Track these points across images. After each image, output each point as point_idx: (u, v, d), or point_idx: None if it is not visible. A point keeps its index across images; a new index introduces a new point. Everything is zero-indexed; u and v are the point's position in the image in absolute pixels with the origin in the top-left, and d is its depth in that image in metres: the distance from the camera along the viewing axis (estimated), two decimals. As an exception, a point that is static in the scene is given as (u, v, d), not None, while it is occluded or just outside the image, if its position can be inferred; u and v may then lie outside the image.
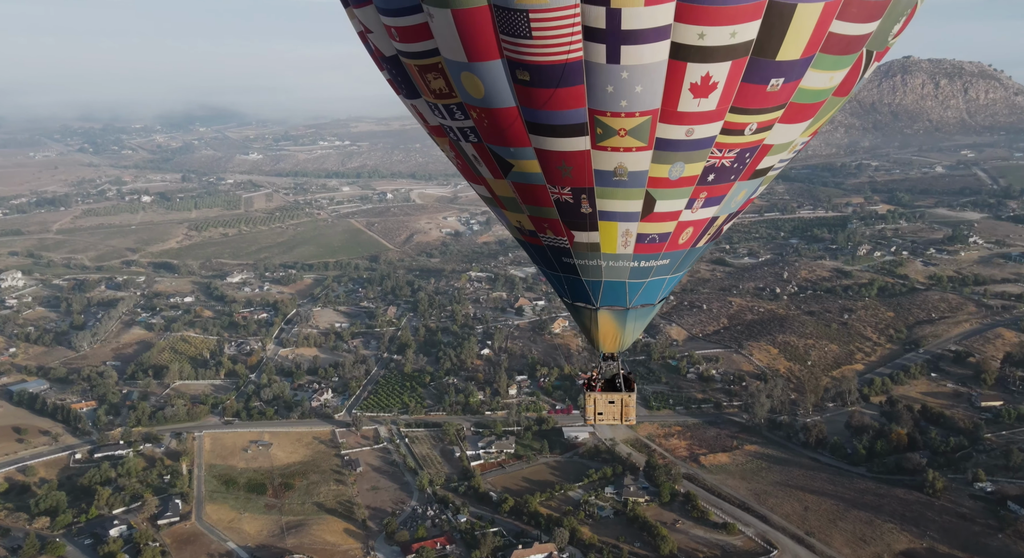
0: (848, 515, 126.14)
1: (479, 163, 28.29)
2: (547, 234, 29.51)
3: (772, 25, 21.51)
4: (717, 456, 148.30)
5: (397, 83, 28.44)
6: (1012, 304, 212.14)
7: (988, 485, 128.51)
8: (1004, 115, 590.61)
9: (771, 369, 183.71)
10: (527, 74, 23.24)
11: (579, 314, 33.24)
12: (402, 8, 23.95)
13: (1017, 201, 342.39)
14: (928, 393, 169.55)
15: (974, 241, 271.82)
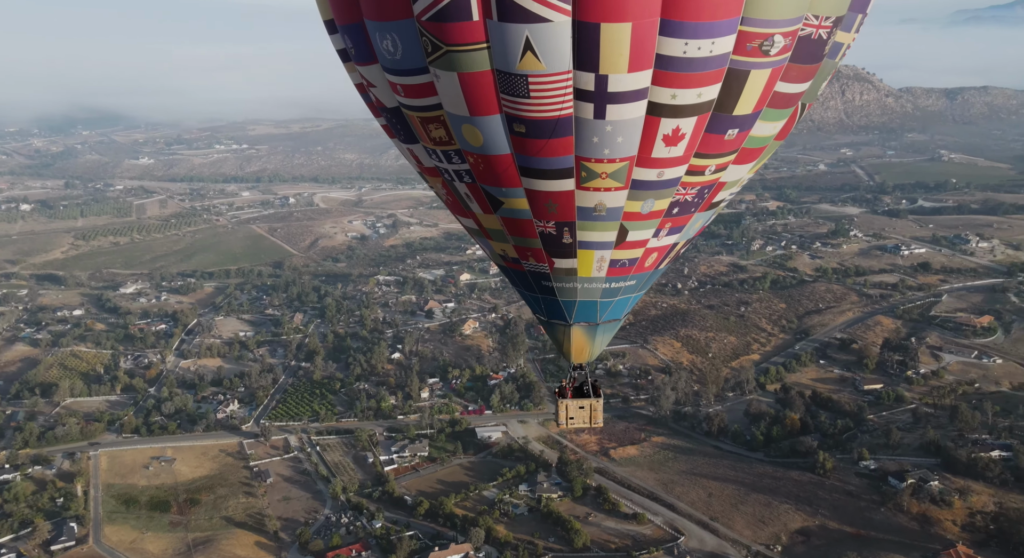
0: (748, 499, 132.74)
1: (470, 200, 31.63)
2: (529, 261, 33.31)
3: (730, 87, 26.25)
4: (626, 449, 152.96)
5: (395, 130, 31.13)
6: (889, 293, 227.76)
7: (871, 463, 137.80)
8: (877, 116, 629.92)
9: (675, 362, 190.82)
10: (523, 127, 26.84)
11: (553, 330, 36.86)
12: (410, 70, 26.73)
13: (891, 196, 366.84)
14: (817, 379, 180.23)
15: (854, 235, 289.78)
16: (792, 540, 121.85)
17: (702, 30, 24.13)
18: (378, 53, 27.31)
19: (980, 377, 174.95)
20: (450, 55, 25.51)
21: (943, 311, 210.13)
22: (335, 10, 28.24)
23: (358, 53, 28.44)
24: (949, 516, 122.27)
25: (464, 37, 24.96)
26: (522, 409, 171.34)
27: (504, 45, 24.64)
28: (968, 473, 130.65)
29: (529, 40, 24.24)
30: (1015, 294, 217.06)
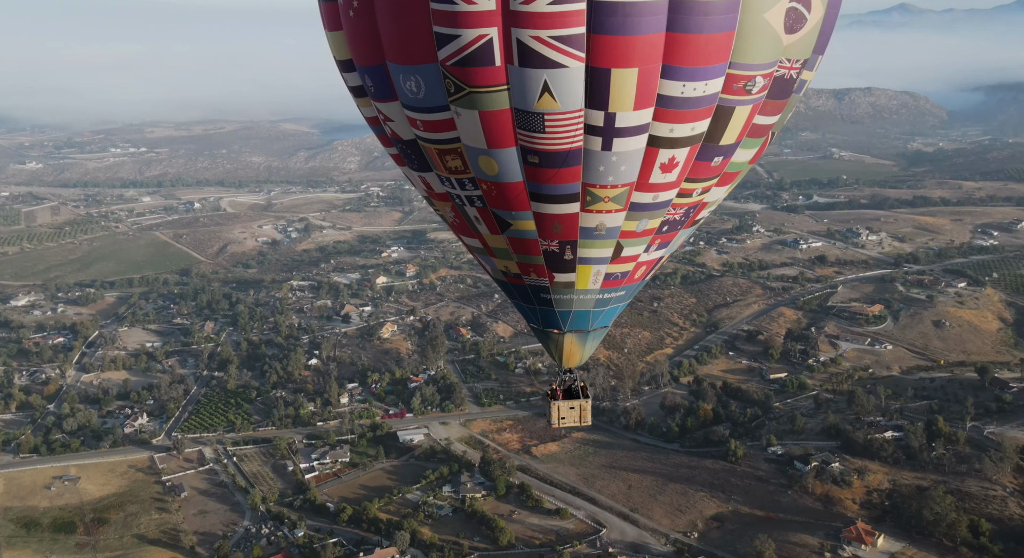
0: (666, 488, 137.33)
1: (479, 222, 34.21)
2: (531, 276, 36.06)
3: (718, 121, 30.09)
4: (548, 446, 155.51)
5: (408, 159, 33.22)
6: (790, 285, 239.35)
7: (779, 448, 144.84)
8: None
9: (592, 359, 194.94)
10: (537, 158, 29.72)
11: (547, 338, 39.58)
12: (432, 108, 29.18)
13: (788, 193, 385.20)
14: (728, 370, 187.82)
15: (757, 230, 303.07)
16: (708, 526, 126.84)
17: (698, 74, 27.77)
18: (399, 92, 29.50)
19: (873, 363, 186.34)
20: (472, 95, 28.15)
21: (839, 301, 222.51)
22: (355, 52, 30.11)
23: (378, 91, 30.58)
24: (849, 495, 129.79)
25: (486, 80, 27.57)
26: (443, 411, 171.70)
27: (523, 87, 27.47)
28: (865, 454, 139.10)
29: (547, 83, 27.15)
30: (901, 283, 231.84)
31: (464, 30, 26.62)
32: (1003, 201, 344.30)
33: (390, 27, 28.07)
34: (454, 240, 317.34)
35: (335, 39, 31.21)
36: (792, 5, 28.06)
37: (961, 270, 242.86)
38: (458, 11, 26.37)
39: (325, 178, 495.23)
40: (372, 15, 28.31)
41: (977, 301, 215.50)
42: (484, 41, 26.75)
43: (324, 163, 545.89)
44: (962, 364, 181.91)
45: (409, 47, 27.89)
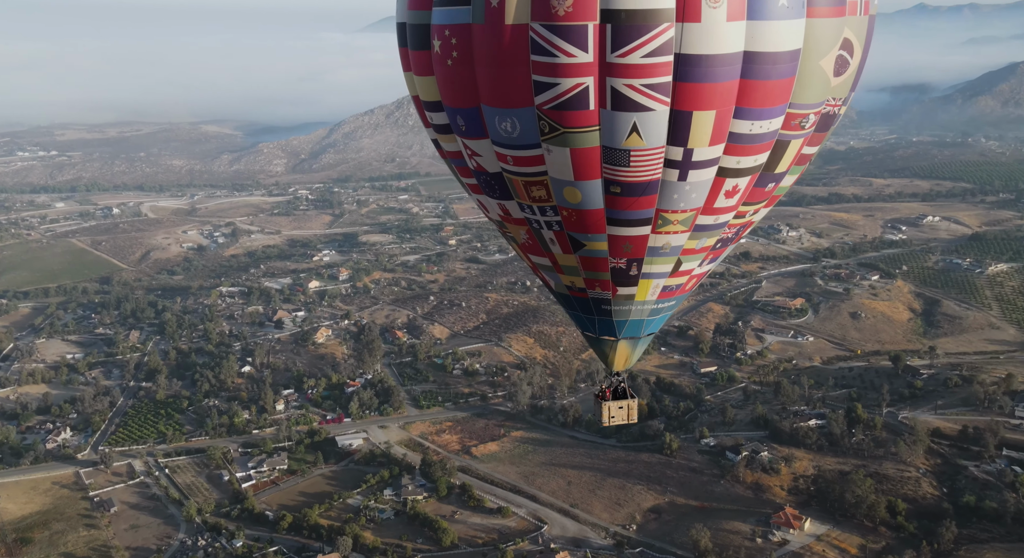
0: (605, 483, 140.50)
1: (553, 244, 37.16)
2: (596, 290, 39.31)
3: (776, 153, 34.17)
4: (488, 445, 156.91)
5: (489, 188, 35.94)
6: (717, 281, 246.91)
7: (711, 440, 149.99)
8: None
9: (529, 358, 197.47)
10: (619, 188, 33.09)
11: (601, 344, 42.94)
12: (525, 145, 32.12)
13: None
14: (660, 365, 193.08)
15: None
16: (646, 518, 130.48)
17: (764, 114, 31.85)
18: (492, 131, 32.41)
19: (796, 354, 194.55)
20: (565, 135, 31.30)
21: (763, 296, 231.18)
22: (449, 95, 32.65)
23: (469, 130, 33.42)
24: (777, 482, 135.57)
25: (580, 122, 30.76)
26: (382, 414, 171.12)
27: (613, 128, 30.90)
28: (791, 442, 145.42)
29: (635, 124, 30.67)
30: (820, 277, 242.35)
31: (563, 79, 29.73)
32: (910, 197, 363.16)
33: (490, 76, 30.83)
34: (387, 243, 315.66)
35: (424, 83, 33.69)
36: (840, 53, 31.96)
37: (874, 263, 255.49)
38: (558, 63, 29.37)
39: (251, 181, 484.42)
40: (471, 64, 30.89)
41: (889, 293, 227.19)
42: (581, 88, 29.85)
43: (249, 166, 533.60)
44: (877, 353, 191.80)
45: (508, 93, 30.70)
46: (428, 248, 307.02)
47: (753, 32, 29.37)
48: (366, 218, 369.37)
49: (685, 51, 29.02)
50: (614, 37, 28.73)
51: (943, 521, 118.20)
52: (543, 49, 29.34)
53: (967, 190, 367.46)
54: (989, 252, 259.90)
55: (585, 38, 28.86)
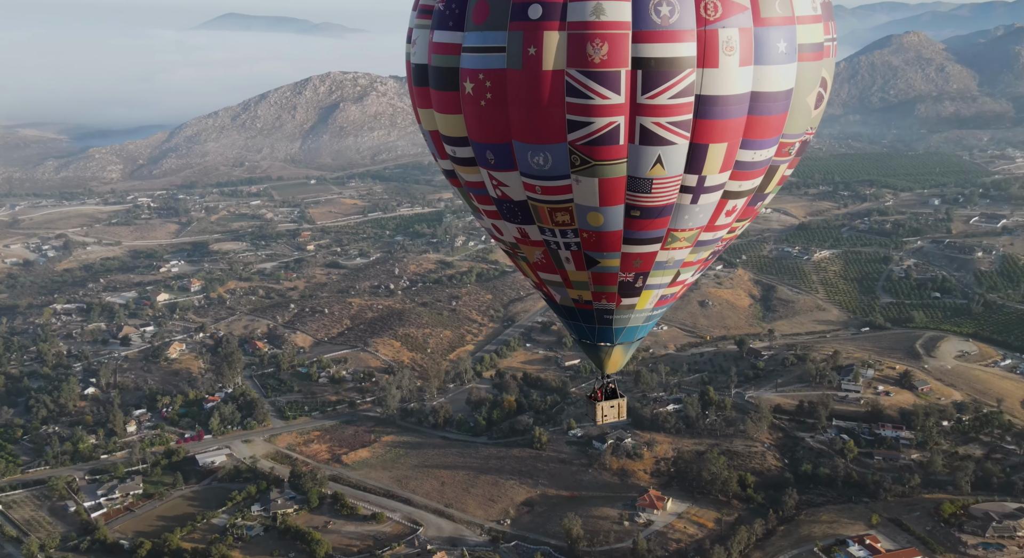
0: (478, 481, 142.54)
1: (568, 262, 40.15)
2: (601, 302, 42.45)
3: (767, 176, 38.82)
4: (358, 452, 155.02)
5: (511, 215, 38.69)
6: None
7: (578, 431, 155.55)
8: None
9: (397, 362, 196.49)
10: (639, 212, 36.70)
11: (597, 350, 46.05)
12: (554, 177, 35.25)
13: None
14: (527, 361, 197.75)
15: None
16: (519, 511, 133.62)
17: (764, 144, 36.61)
18: (522, 164, 35.55)
19: (653, 343, 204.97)
20: (595, 167, 34.70)
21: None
22: (479, 132, 35.42)
23: (498, 163, 36.22)
24: (641, 466, 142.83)
25: (610, 155, 34.32)
26: (246, 429, 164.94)
27: (639, 160, 34.68)
28: (652, 427, 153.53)
29: (660, 157, 34.62)
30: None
31: (597, 118, 33.28)
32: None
33: (524, 115, 33.80)
34: (241, 251, 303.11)
35: (449, 120, 36.16)
36: (819, 89, 37.24)
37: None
38: (593, 104, 32.85)
39: (82, 189, 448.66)
40: (504, 105, 33.83)
41: (732, 281, 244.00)
42: (612, 126, 33.48)
43: (79, 173, 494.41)
44: (724, 338, 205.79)
45: (542, 131, 33.90)
46: (285, 255, 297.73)
47: (759, 75, 34.01)
48: (216, 226, 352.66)
49: (705, 92, 33.29)
50: (644, 81, 32.60)
51: (786, 489, 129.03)
52: (578, 92, 32.77)
53: (793, 183, 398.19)
54: (814, 240, 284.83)
55: (618, 82, 32.53)
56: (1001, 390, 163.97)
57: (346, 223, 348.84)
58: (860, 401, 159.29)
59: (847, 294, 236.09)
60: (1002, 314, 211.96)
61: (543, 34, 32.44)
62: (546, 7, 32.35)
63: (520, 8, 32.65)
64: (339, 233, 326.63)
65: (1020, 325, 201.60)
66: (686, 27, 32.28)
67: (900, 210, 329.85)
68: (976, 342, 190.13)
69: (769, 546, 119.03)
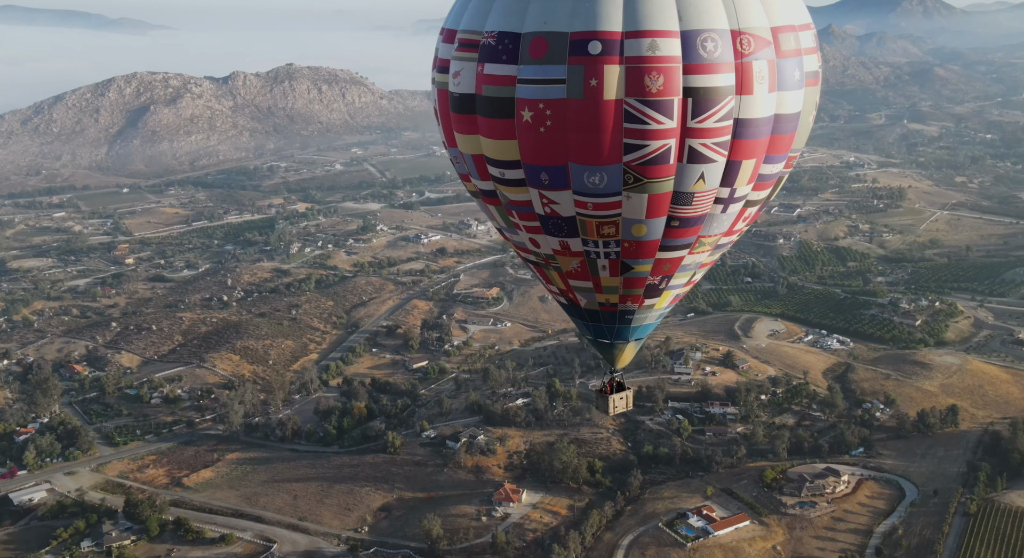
0: (332, 491, 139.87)
1: (603, 270, 43.80)
2: (627, 303, 46.11)
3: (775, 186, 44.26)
4: (200, 473, 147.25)
5: (556, 229, 41.75)
6: (418, 278, 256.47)
7: (432, 432, 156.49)
8: (376, 116, 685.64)
9: (237, 376, 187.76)
10: (678, 222, 41.07)
11: (612, 348, 49.79)
12: (607, 193, 39.12)
13: (403, 190, 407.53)
14: (374, 367, 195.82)
15: (381, 229, 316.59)
16: (376, 518, 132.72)
17: (779, 158, 42.00)
18: (576, 183, 39.16)
19: (498, 340, 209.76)
20: (646, 184, 38.84)
21: (462, 289, 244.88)
22: (535, 156, 38.53)
23: (552, 183, 39.50)
24: (495, 462, 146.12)
25: (660, 174, 38.59)
26: (68, 460, 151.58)
27: (685, 177, 39.07)
28: (503, 422, 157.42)
29: (703, 173, 39.25)
30: (510, 266, 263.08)
31: (651, 141, 37.47)
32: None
33: (584, 140, 37.52)
34: (47, 267, 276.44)
35: (499, 145, 39.28)
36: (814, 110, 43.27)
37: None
38: (649, 129, 37.13)
39: None
40: (563, 131, 37.43)
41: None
42: (665, 148, 37.77)
43: None
44: (565, 331, 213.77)
45: (600, 154, 37.79)
46: (101, 270, 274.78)
47: (780, 100, 39.45)
48: (14, 241, 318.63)
49: (742, 116, 38.49)
50: (694, 107, 37.29)
51: (631, 471, 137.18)
52: (636, 118, 37.06)
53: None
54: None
55: (672, 109, 37.01)
56: (806, 363, 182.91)
57: (168, 233, 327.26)
58: (691, 382, 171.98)
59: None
60: (802, 294, 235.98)
61: (603, 68, 36.26)
62: (605, 43, 36.15)
63: (579, 44, 36.30)
64: (161, 244, 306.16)
65: (817, 304, 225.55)
66: (727, 60, 37.23)
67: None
68: (783, 321, 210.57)
69: (619, 526, 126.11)
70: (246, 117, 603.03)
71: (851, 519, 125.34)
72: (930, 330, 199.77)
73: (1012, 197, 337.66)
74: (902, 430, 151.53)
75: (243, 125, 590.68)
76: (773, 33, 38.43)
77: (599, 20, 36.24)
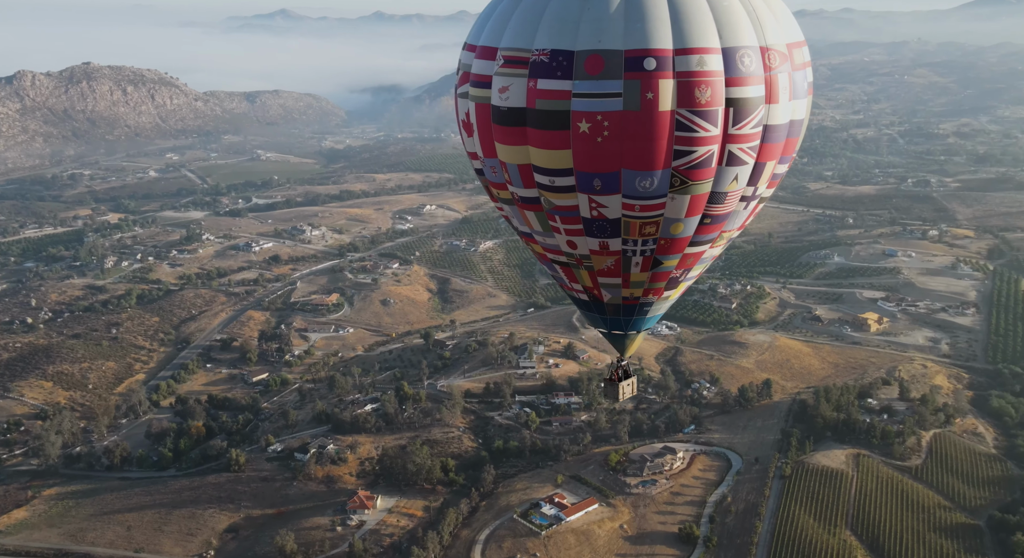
0: (172, 517, 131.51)
1: (636, 266, 46.93)
2: (649, 297, 49.77)
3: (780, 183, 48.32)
4: (13, 514, 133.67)
5: (600, 230, 44.79)
6: (252, 288, 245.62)
7: (278, 445, 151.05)
8: (191, 119, 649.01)
9: (51, 404, 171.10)
10: (709, 219, 45.09)
11: (624, 339, 53.22)
12: (655, 196, 42.80)
13: (228, 197, 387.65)
14: (210, 383, 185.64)
15: (207, 238, 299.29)
16: (223, 540, 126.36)
17: (788, 159, 46.29)
18: (627, 187, 42.66)
19: (341, 347, 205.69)
20: (690, 186, 42.72)
21: (300, 297, 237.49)
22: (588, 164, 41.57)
23: (604, 188, 42.66)
24: (346, 470, 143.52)
25: (703, 176, 42.67)
26: None
27: (723, 178, 43.31)
28: (353, 430, 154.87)
29: (737, 174, 43.54)
30: (349, 271, 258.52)
31: (699, 147, 41.52)
32: (408, 189, 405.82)
33: (638, 148, 41.07)
34: None
35: (550, 155, 42.02)
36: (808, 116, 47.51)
37: (392, 252, 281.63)
38: (696, 136, 41.20)
39: None
40: (620, 140, 40.78)
41: (409, 277, 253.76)
42: (709, 153, 41.83)
43: None
44: (409, 333, 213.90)
45: (652, 160, 41.54)
46: None
47: (794, 107, 44.31)
48: None
49: (770, 123, 43.06)
50: (735, 116, 41.62)
51: (483, 467, 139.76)
52: (686, 127, 40.92)
53: (451, 180, 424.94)
54: (477, 232, 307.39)
55: (716, 118, 41.17)
56: (640, 349, 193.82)
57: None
58: (536, 375, 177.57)
59: (512, 280, 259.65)
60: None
61: (658, 82, 40.22)
62: (659, 60, 40.23)
63: (635, 61, 40.23)
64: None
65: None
66: (758, 73, 42.07)
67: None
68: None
69: (475, 522, 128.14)
70: (37, 121, 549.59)
71: (687, 492, 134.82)
72: (744, 312, 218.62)
73: (802, 188, 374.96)
74: (726, 406, 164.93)
75: (35, 130, 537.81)
76: (789, 48, 43.65)
77: (651, 39, 40.34)
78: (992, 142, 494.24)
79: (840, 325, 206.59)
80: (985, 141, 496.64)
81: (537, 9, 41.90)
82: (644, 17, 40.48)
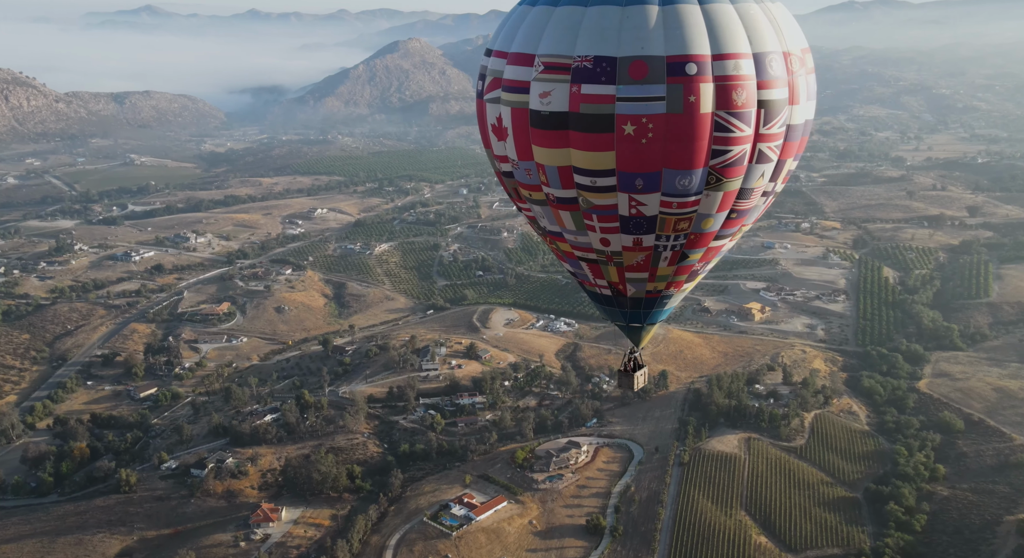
0: (56, 546, 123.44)
1: (664, 260, 48.84)
2: (670, 290, 51.71)
3: None
4: None
5: (635, 227, 46.67)
6: (134, 300, 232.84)
7: (172, 462, 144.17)
8: (53, 122, 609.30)
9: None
10: (736, 214, 47.48)
11: (639, 330, 54.95)
12: (692, 193, 44.80)
13: (100, 204, 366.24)
14: (92, 401, 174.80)
15: (80, 248, 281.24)
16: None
17: (798, 156, 48.43)
18: (667, 186, 44.59)
19: (235, 357, 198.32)
20: (724, 183, 45.11)
21: (188, 306, 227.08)
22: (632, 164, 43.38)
23: (645, 187, 44.50)
24: (248, 483, 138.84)
25: (736, 174, 45.15)
26: None
27: (752, 175, 45.81)
28: (253, 441, 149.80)
29: (763, 171, 46.12)
30: (240, 279, 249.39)
31: (734, 147, 43.94)
32: (297, 193, 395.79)
33: (680, 148, 43.07)
34: None
35: (591, 157, 43.68)
36: None
37: (284, 258, 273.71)
38: (732, 136, 43.59)
39: None
40: (663, 141, 42.72)
41: (303, 283, 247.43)
42: (742, 152, 44.36)
43: None
44: (307, 340, 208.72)
45: (693, 159, 43.56)
46: None
47: (808, 108, 47.09)
48: None
49: (791, 122, 45.75)
50: (765, 116, 44.28)
51: (390, 472, 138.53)
52: (724, 127, 43.27)
53: (341, 182, 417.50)
54: (372, 235, 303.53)
55: (750, 118, 43.77)
56: (541, 347, 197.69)
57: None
58: (439, 377, 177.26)
59: (409, 282, 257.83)
60: (529, 283, 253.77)
61: (699, 85, 42.49)
62: (699, 65, 42.64)
63: (677, 66, 42.50)
64: None
65: (544, 291, 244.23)
66: (783, 76, 44.93)
67: (438, 201, 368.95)
68: (516, 310, 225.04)
69: (384, 527, 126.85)
70: None
71: (592, 485, 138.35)
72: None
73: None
74: (625, 398, 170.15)
75: None
76: (802, 53, 46.82)
77: (691, 45, 42.74)
78: (850, 139, 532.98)
79: (727, 315, 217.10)
80: (844, 138, 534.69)
81: (574, 19, 43.84)
82: (682, 25, 42.99)
